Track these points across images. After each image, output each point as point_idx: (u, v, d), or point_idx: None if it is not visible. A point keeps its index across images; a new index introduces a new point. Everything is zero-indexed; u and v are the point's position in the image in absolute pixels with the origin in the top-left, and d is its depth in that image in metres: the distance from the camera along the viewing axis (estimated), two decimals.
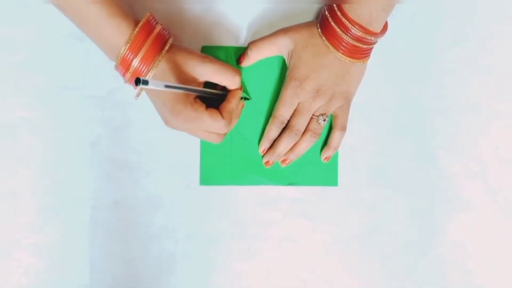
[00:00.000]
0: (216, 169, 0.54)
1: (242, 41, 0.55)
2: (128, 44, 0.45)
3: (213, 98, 0.50)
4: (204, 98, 0.49)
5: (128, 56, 0.46)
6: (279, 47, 0.53)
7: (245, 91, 0.54)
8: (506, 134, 0.57)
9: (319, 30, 0.51)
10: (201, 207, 0.55)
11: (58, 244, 0.54)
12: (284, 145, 0.53)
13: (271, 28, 0.54)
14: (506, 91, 0.57)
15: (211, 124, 0.48)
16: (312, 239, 0.56)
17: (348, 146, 0.55)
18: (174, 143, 0.54)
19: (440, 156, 0.56)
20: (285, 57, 0.53)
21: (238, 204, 0.55)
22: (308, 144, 0.53)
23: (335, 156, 0.55)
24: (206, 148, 0.54)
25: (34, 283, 0.54)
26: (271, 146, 0.54)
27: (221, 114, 0.48)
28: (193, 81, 0.48)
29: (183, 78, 0.47)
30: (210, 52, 0.54)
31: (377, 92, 0.56)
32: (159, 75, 0.47)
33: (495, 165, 0.57)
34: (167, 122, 0.49)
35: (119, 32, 0.46)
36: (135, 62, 0.46)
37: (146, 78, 0.41)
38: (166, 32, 0.48)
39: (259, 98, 0.55)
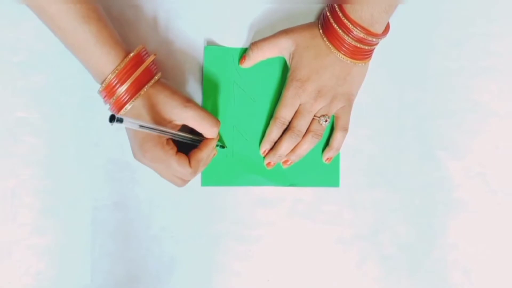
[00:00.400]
0: (217, 170, 0.54)
1: (244, 42, 0.54)
2: (115, 73, 0.46)
3: (186, 142, 0.50)
4: (177, 141, 0.49)
5: (114, 83, 0.46)
6: (280, 48, 0.53)
7: (221, 140, 0.54)
8: (507, 135, 0.57)
9: (321, 31, 0.51)
10: (202, 208, 0.55)
11: (59, 244, 0.54)
12: (285, 146, 0.53)
13: (272, 29, 0.53)
14: (507, 91, 0.57)
15: (178, 169, 0.48)
16: (313, 240, 0.56)
17: (349, 147, 0.55)
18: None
19: (441, 157, 0.56)
20: (287, 58, 0.53)
21: (239, 205, 0.55)
22: (309, 145, 0.53)
23: (337, 157, 0.55)
24: None
25: (34, 284, 0.54)
26: (273, 147, 0.54)
27: (189, 161, 0.48)
28: (170, 122, 0.48)
29: (160, 117, 0.47)
30: (213, 53, 0.54)
31: (378, 93, 0.56)
32: (136, 109, 0.46)
33: (496, 166, 0.57)
34: (134, 155, 0.49)
35: (107, 61, 0.46)
36: (120, 90, 0.46)
37: (121, 116, 0.40)
38: (155, 67, 0.48)
39: (260, 99, 0.54)
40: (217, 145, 0.53)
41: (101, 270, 0.54)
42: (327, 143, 0.55)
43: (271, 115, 0.54)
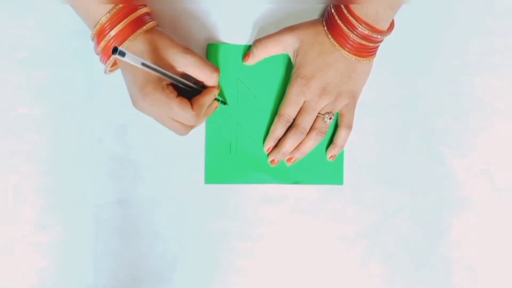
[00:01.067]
0: (221, 167, 0.54)
1: (247, 39, 0.54)
2: (109, 14, 0.45)
3: (186, 90, 0.49)
4: (178, 88, 0.48)
5: (106, 26, 0.46)
6: (284, 46, 0.52)
7: (222, 95, 0.54)
8: (511, 132, 0.57)
9: (325, 28, 0.51)
10: (205, 205, 0.55)
11: (61, 242, 0.53)
12: (289, 143, 0.53)
13: (277, 26, 0.53)
14: None
15: (179, 112, 0.47)
16: (316, 238, 0.56)
17: (353, 145, 0.55)
18: (178, 142, 0.54)
19: (445, 155, 0.56)
20: (291, 55, 0.53)
21: (242, 202, 0.55)
22: (313, 142, 0.53)
23: (341, 154, 0.55)
24: (210, 147, 0.54)
25: (37, 281, 0.53)
26: (277, 145, 0.54)
27: (191, 105, 0.48)
28: (171, 69, 0.47)
29: (161, 63, 0.47)
30: (216, 50, 0.53)
31: (383, 90, 0.56)
32: (137, 54, 0.46)
33: (500, 163, 0.57)
34: (134, 102, 0.48)
35: (102, 7, 0.46)
36: (112, 33, 0.46)
37: (124, 49, 0.41)
38: (150, 18, 0.48)
39: (264, 97, 0.54)
40: (218, 100, 0.52)
41: (104, 268, 0.54)
42: (331, 141, 0.55)
43: (275, 113, 0.54)
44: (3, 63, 0.53)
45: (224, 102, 0.54)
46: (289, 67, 0.54)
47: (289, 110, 0.52)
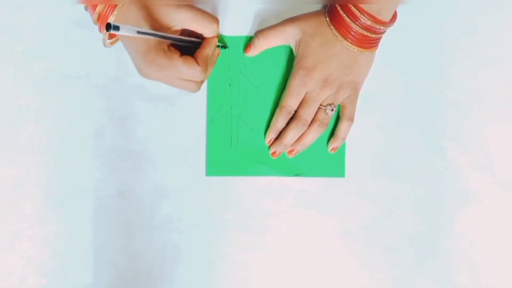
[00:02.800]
0: (223, 159, 0.54)
1: (249, 30, 0.54)
2: None
3: (188, 46, 0.49)
4: (179, 46, 0.48)
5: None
6: (286, 37, 0.52)
7: (221, 40, 0.53)
8: None
9: (328, 19, 0.51)
10: (207, 198, 0.54)
11: (61, 234, 0.53)
12: (291, 135, 0.52)
13: (278, 17, 0.53)
14: None
15: (186, 71, 0.47)
16: (318, 231, 0.55)
17: (355, 138, 0.55)
18: (179, 134, 0.54)
19: (447, 148, 0.56)
20: (293, 46, 0.53)
21: (244, 195, 0.55)
22: (315, 134, 0.53)
23: (342, 147, 0.55)
24: (212, 139, 0.54)
25: (36, 274, 0.53)
26: (278, 137, 0.53)
27: (196, 61, 0.47)
28: (168, 29, 0.47)
29: (157, 25, 0.46)
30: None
31: (385, 82, 0.55)
32: (131, 22, 0.46)
33: (503, 157, 0.56)
34: (140, 71, 0.48)
35: None
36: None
37: (117, 23, 0.41)
38: None
39: (265, 88, 0.54)
40: (219, 46, 0.52)
41: (104, 260, 0.53)
42: (332, 133, 0.54)
43: (276, 104, 0.54)
44: (3, 54, 0.52)
45: (224, 47, 0.53)
46: (291, 58, 0.53)
47: (290, 102, 0.52)
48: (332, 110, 0.52)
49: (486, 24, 0.56)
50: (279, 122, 0.53)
